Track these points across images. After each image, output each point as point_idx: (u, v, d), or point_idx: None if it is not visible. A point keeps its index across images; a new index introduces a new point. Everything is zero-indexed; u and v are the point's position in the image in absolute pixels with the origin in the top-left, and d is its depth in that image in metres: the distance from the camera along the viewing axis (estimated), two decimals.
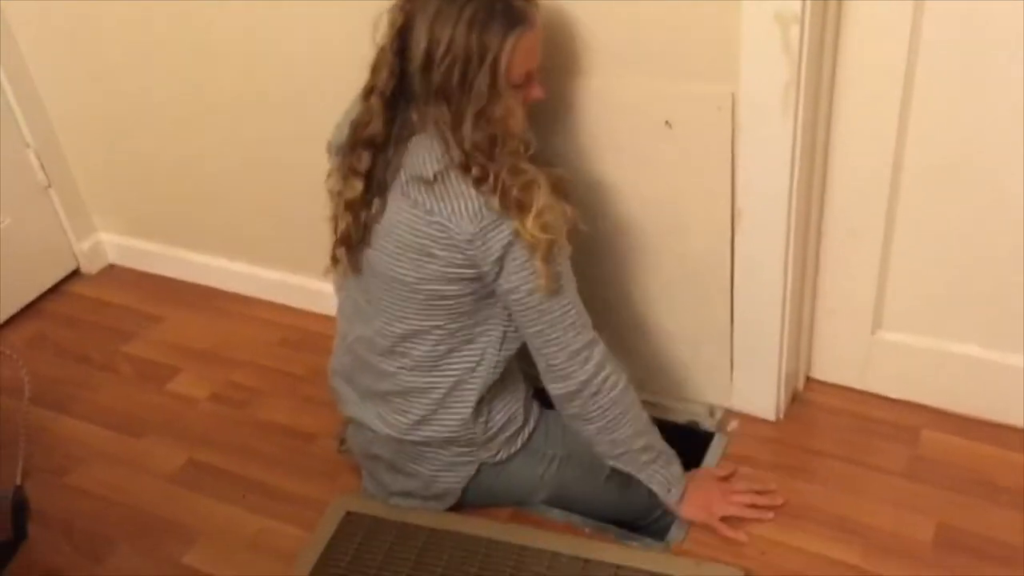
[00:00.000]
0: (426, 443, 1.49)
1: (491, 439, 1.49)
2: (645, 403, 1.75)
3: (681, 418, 1.73)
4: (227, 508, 1.66)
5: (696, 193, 1.49)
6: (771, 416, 1.68)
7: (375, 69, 1.32)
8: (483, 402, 1.46)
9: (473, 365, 1.44)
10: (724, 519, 1.49)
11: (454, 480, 1.53)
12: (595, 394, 1.40)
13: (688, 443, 1.65)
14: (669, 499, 1.48)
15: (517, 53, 1.27)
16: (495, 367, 1.45)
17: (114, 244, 2.30)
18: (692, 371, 1.72)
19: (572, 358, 1.38)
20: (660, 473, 1.47)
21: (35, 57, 2.04)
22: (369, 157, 1.35)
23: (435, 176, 1.30)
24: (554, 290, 1.34)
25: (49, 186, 2.19)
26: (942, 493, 1.52)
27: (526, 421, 1.51)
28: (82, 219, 2.27)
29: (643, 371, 1.74)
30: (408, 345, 1.44)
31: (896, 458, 1.59)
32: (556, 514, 1.56)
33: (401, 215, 1.34)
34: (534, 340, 1.39)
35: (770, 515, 1.50)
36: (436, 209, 1.31)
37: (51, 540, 1.65)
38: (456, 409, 1.46)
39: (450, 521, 1.56)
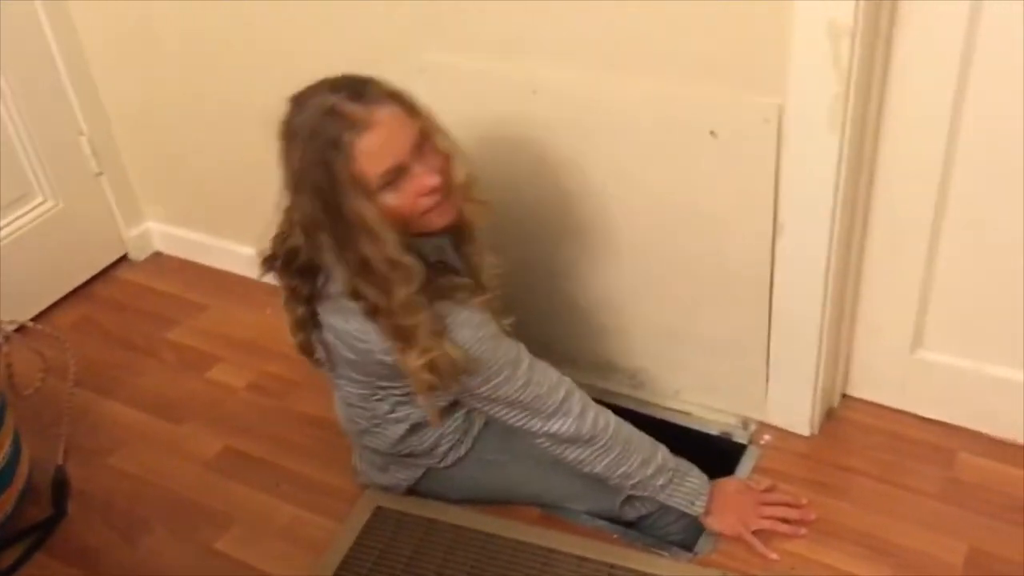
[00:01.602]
0: (374, 449, 1.55)
1: (431, 450, 1.52)
2: (678, 413, 1.75)
3: (714, 429, 1.73)
4: (261, 496, 1.69)
5: (738, 204, 1.49)
6: (805, 431, 1.67)
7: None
8: (415, 428, 1.49)
9: (395, 407, 1.47)
10: (755, 532, 1.48)
11: (401, 478, 1.58)
12: (590, 440, 1.41)
13: (720, 455, 1.65)
14: (693, 512, 1.48)
15: (362, 160, 1.21)
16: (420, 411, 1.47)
17: (161, 232, 2.35)
18: (726, 382, 1.71)
19: (549, 419, 1.40)
20: (678, 491, 1.47)
21: (93, 48, 2.09)
22: (308, 284, 1.38)
23: (336, 297, 1.34)
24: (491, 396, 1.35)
25: (100, 173, 2.23)
26: (976, 517, 1.50)
27: (466, 434, 1.53)
28: (131, 207, 2.31)
29: (677, 380, 1.75)
30: (342, 379, 1.48)
31: (931, 480, 1.57)
32: (584, 519, 1.57)
33: (326, 319, 1.39)
34: (498, 419, 1.42)
35: (803, 531, 1.49)
36: (344, 328, 1.35)
37: (89, 519, 1.69)
38: (387, 432, 1.49)
39: (478, 520, 1.58)
